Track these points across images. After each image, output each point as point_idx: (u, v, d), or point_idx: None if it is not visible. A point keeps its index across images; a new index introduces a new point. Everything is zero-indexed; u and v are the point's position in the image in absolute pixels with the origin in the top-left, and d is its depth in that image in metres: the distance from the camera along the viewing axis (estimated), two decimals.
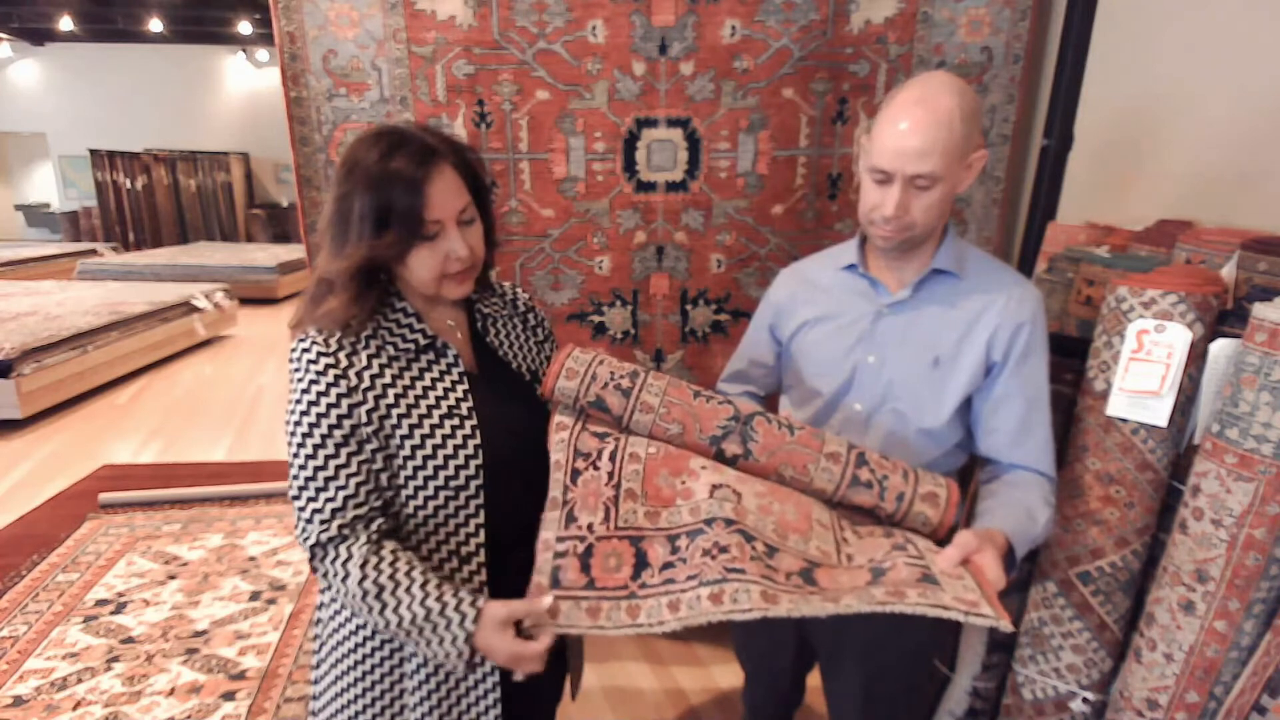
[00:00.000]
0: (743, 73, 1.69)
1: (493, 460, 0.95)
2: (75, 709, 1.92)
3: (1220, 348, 1.06)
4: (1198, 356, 1.09)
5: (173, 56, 10.30)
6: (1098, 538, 1.20)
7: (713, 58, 1.68)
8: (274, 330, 6.44)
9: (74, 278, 7.20)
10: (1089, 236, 1.52)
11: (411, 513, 0.93)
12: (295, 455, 0.89)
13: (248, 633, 2.24)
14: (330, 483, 0.88)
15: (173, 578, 2.54)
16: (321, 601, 1.02)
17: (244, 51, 10.45)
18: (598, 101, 1.71)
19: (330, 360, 0.89)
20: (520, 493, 0.96)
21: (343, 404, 0.89)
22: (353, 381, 0.89)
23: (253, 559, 2.66)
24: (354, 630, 0.97)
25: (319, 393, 0.88)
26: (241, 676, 2.05)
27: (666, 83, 1.70)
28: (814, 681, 1.33)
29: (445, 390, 0.95)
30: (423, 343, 0.96)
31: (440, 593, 0.84)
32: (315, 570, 0.90)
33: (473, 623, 0.81)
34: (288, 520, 2.91)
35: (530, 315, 1.15)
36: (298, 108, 1.69)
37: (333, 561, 0.87)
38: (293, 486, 0.90)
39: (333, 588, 0.88)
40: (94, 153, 9.80)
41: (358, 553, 0.86)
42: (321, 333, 0.90)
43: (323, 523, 0.88)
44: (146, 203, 10.09)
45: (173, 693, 1.98)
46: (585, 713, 1.91)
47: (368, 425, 0.90)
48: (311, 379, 0.89)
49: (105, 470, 3.46)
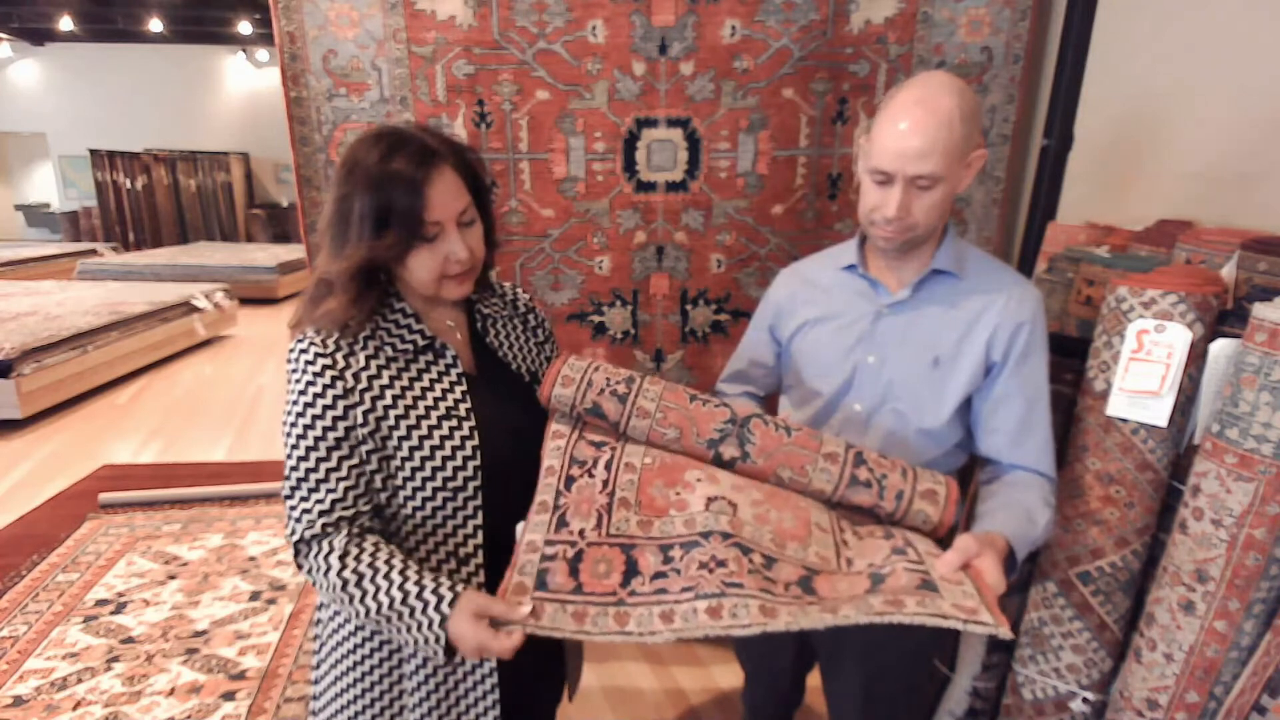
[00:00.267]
0: (743, 73, 1.69)
1: (491, 461, 0.95)
2: (75, 709, 1.92)
3: (1220, 348, 1.06)
4: (1198, 356, 1.09)
5: (173, 56, 10.30)
6: (1098, 538, 1.20)
7: (713, 58, 1.68)
8: (274, 330, 6.44)
9: (74, 278, 7.20)
10: (1089, 236, 1.52)
11: (410, 513, 0.93)
12: (289, 456, 0.89)
13: (248, 633, 2.24)
14: (321, 484, 0.88)
15: (173, 578, 2.54)
16: (321, 602, 1.02)
17: (244, 51, 10.45)
18: (598, 101, 1.71)
19: (328, 361, 0.89)
20: (519, 493, 0.96)
21: (339, 406, 0.89)
22: (350, 383, 0.89)
23: (253, 559, 2.66)
24: (354, 631, 0.97)
25: (315, 395, 0.88)
26: (241, 676, 2.05)
27: (666, 83, 1.70)
28: (814, 681, 1.33)
29: (444, 391, 0.95)
30: (421, 343, 0.96)
31: (419, 578, 0.84)
32: (300, 566, 0.90)
33: (449, 606, 0.80)
34: None
35: (530, 316, 1.15)
36: (298, 108, 1.68)
37: (315, 556, 0.87)
38: (285, 486, 0.91)
39: (316, 583, 0.88)
40: (94, 153, 9.81)
41: (339, 545, 0.87)
42: (320, 333, 0.90)
43: (309, 521, 0.88)
44: (146, 203, 10.09)
45: (173, 693, 1.98)
46: (585, 713, 1.91)
47: (364, 426, 0.90)
48: (308, 380, 0.89)
49: (105, 470, 3.46)
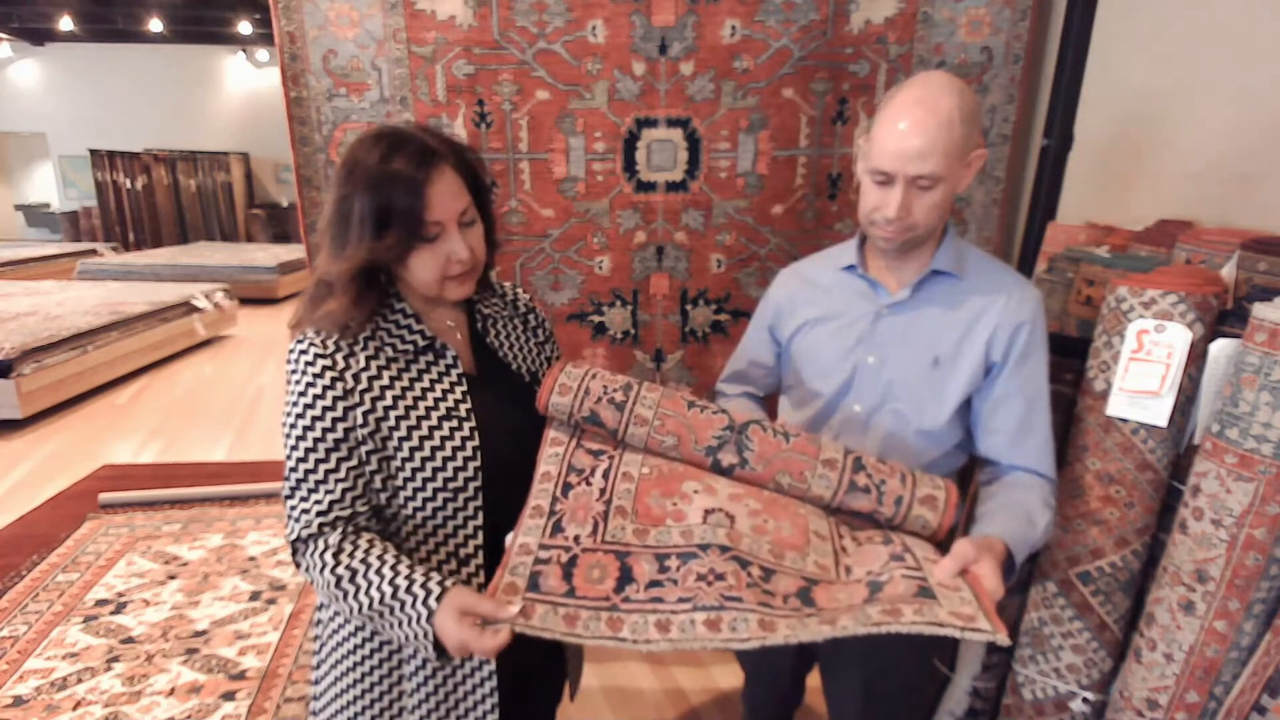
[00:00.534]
0: (743, 73, 1.69)
1: (491, 462, 0.95)
2: (75, 709, 1.92)
3: (1220, 348, 1.06)
4: (1198, 356, 1.09)
5: (173, 56, 10.29)
6: (1098, 538, 1.20)
7: (713, 58, 1.68)
8: (274, 330, 6.44)
9: (74, 278, 7.20)
10: (1089, 236, 1.52)
11: (410, 514, 0.93)
12: (288, 456, 0.90)
13: (248, 633, 2.24)
14: (320, 485, 0.88)
15: (173, 578, 2.54)
16: (321, 602, 1.02)
17: (244, 51, 10.45)
18: (598, 101, 1.71)
19: (327, 362, 0.89)
20: (519, 494, 0.96)
21: (338, 407, 0.89)
22: (349, 384, 0.89)
23: (253, 559, 2.66)
24: (354, 631, 0.97)
25: (315, 396, 0.88)
26: (241, 676, 2.05)
27: (666, 83, 1.70)
28: (814, 682, 1.33)
29: (444, 392, 0.95)
30: (421, 344, 0.96)
31: (409, 573, 0.83)
32: (298, 565, 0.90)
33: (435, 601, 0.80)
34: None
35: (531, 316, 1.15)
36: (298, 108, 1.68)
37: (311, 554, 0.88)
38: (285, 486, 0.91)
39: (313, 581, 0.89)
40: (94, 153, 9.80)
41: (333, 543, 0.87)
42: (319, 334, 0.90)
43: (306, 521, 0.88)
44: (146, 203, 10.08)
45: (173, 693, 1.98)
46: (585, 713, 1.91)
47: (364, 427, 0.90)
48: (308, 382, 0.89)
49: (105, 470, 3.46)
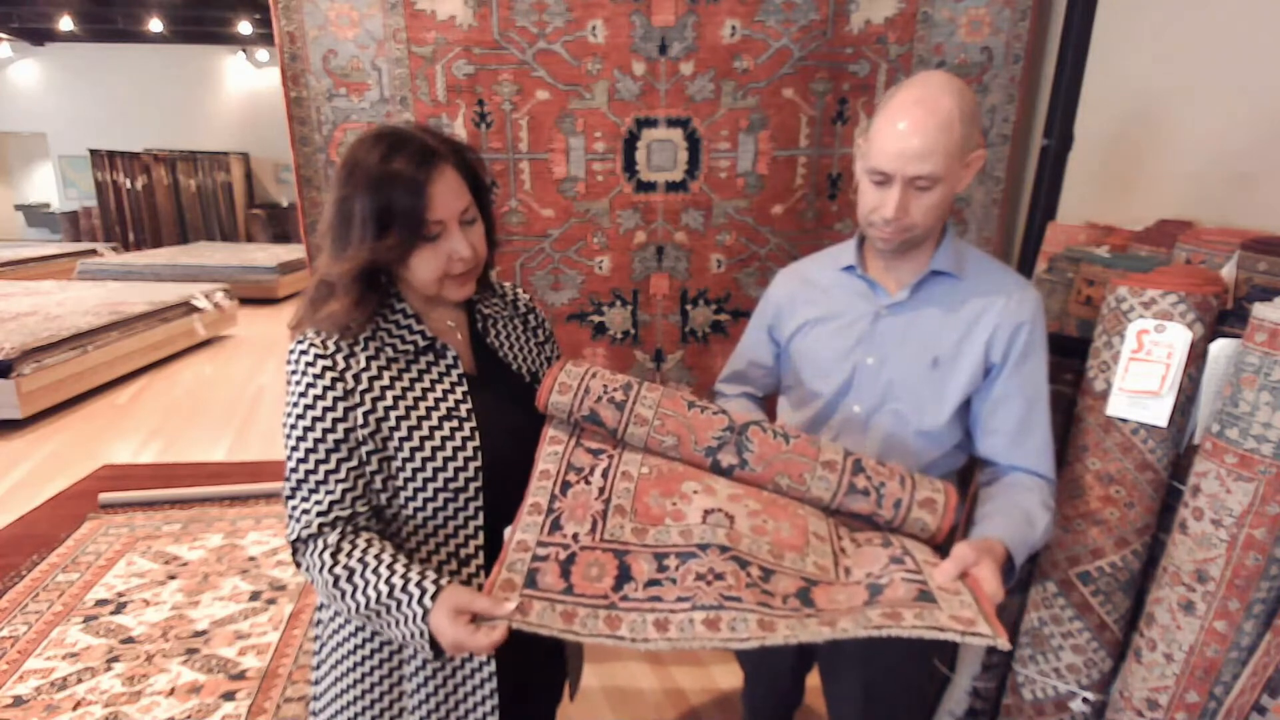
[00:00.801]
0: (743, 73, 1.69)
1: (492, 461, 0.95)
2: (75, 709, 1.92)
3: (1220, 348, 1.06)
4: (1198, 356, 1.09)
5: (173, 56, 10.29)
6: (1098, 538, 1.20)
7: (713, 58, 1.68)
8: (274, 330, 6.44)
9: (74, 278, 7.20)
10: (1089, 236, 1.52)
11: (410, 514, 0.93)
12: (289, 457, 0.90)
13: (248, 633, 2.24)
14: (320, 485, 0.88)
15: (173, 578, 2.54)
16: (322, 602, 1.02)
17: (244, 51, 10.45)
18: (598, 101, 1.71)
19: (328, 363, 0.89)
20: (519, 494, 0.96)
21: (339, 407, 0.89)
22: (349, 384, 0.90)
23: (253, 559, 2.66)
24: (354, 631, 0.97)
25: (315, 396, 0.88)
26: (241, 676, 2.05)
27: (666, 83, 1.70)
28: (813, 682, 1.33)
29: (444, 392, 0.95)
30: (422, 344, 0.96)
31: (405, 571, 0.83)
32: (298, 565, 0.90)
33: (430, 599, 0.80)
34: None
35: (531, 316, 1.15)
36: (298, 108, 1.68)
37: (310, 554, 0.88)
38: (286, 486, 0.91)
39: (313, 580, 0.89)
40: (94, 153, 9.80)
41: (332, 542, 0.87)
42: (319, 334, 0.90)
43: (306, 522, 0.88)
44: (146, 203, 10.08)
45: (173, 693, 1.98)
46: (585, 713, 1.91)
47: (364, 427, 0.90)
48: (308, 382, 0.89)
49: (105, 470, 3.46)
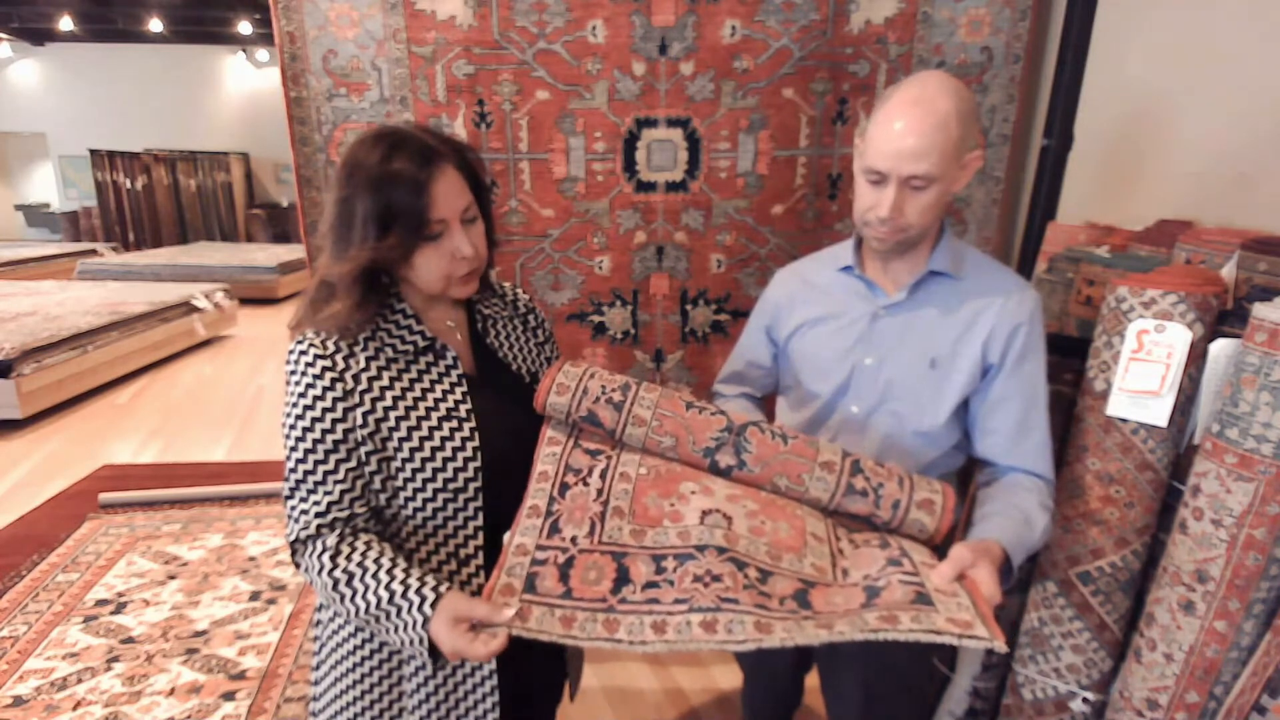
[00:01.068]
0: (743, 73, 1.69)
1: (491, 462, 0.95)
2: (75, 709, 1.92)
3: (1220, 348, 1.06)
4: (1198, 356, 1.09)
5: (173, 56, 10.28)
6: (1098, 538, 1.20)
7: (713, 58, 1.68)
8: (274, 330, 6.44)
9: (74, 278, 7.20)
10: (1089, 236, 1.52)
11: (410, 515, 0.93)
12: (288, 458, 0.90)
13: (248, 633, 2.24)
14: (319, 486, 0.88)
15: (173, 578, 2.54)
16: (321, 603, 1.02)
17: (244, 51, 10.44)
18: (598, 101, 1.71)
19: (327, 363, 0.89)
20: (519, 494, 0.96)
21: (338, 408, 0.89)
22: (349, 385, 0.90)
23: (253, 559, 2.66)
24: (353, 632, 0.97)
25: (315, 397, 0.88)
26: (241, 676, 2.05)
27: (666, 83, 1.70)
28: (813, 682, 1.33)
29: (444, 392, 0.95)
30: (421, 344, 0.96)
31: (405, 577, 0.83)
32: (297, 566, 0.90)
33: (430, 607, 0.80)
34: None
35: (530, 316, 1.15)
36: (298, 108, 1.68)
37: (309, 555, 0.88)
38: (285, 487, 0.91)
39: (312, 582, 0.89)
40: (94, 153, 9.80)
41: (331, 544, 0.87)
42: (319, 335, 0.90)
43: (305, 522, 0.88)
44: (146, 203, 10.08)
45: (173, 693, 1.98)
46: (585, 713, 1.91)
47: (364, 428, 0.90)
48: (308, 383, 0.89)
49: (105, 470, 3.46)
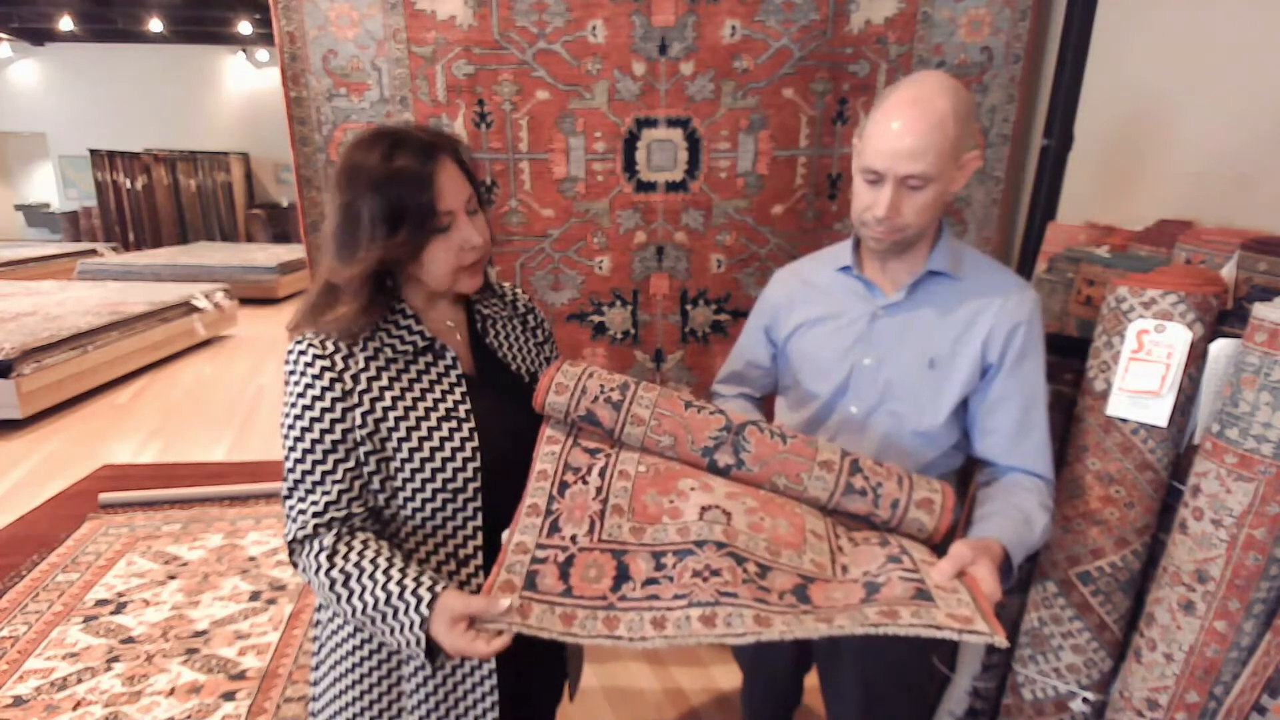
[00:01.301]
0: (743, 73, 1.69)
1: (491, 462, 0.95)
2: (75, 709, 1.92)
3: (1220, 348, 1.06)
4: (1198, 356, 1.09)
5: (173, 56, 10.28)
6: (1098, 538, 1.20)
7: (713, 58, 1.68)
8: (274, 330, 6.44)
9: (74, 278, 7.20)
10: (1089, 236, 1.52)
11: (409, 515, 0.93)
12: (286, 458, 0.90)
13: (248, 633, 2.24)
14: (316, 487, 0.89)
15: (173, 578, 2.54)
16: (320, 603, 1.02)
17: (244, 51, 10.44)
18: (598, 101, 1.71)
19: (326, 363, 0.89)
20: (518, 494, 0.96)
21: (337, 408, 0.89)
22: (348, 385, 0.90)
23: (253, 559, 2.66)
24: (353, 632, 0.97)
25: (314, 397, 0.88)
26: (241, 676, 2.05)
27: (666, 83, 1.70)
28: (812, 681, 1.33)
29: (443, 393, 0.95)
30: (421, 344, 0.96)
31: (401, 577, 0.83)
32: (295, 566, 0.90)
33: (427, 607, 0.80)
34: None
35: (530, 316, 1.15)
36: (298, 108, 1.68)
37: (307, 555, 0.88)
38: (283, 487, 0.91)
39: (310, 582, 0.89)
40: (94, 153, 9.80)
41: (328, 544, 0.87)
42: (319, 335, 0.90)
43: (303, 522, 0.89)
44: (146, 203, 10.08)
45: (173, 693, 1.98)
46: (585, 713, 1.91)
47: (363, 428, 0.90)
48: (306, 383, 0.89)
49: (105, 470, 3.46)
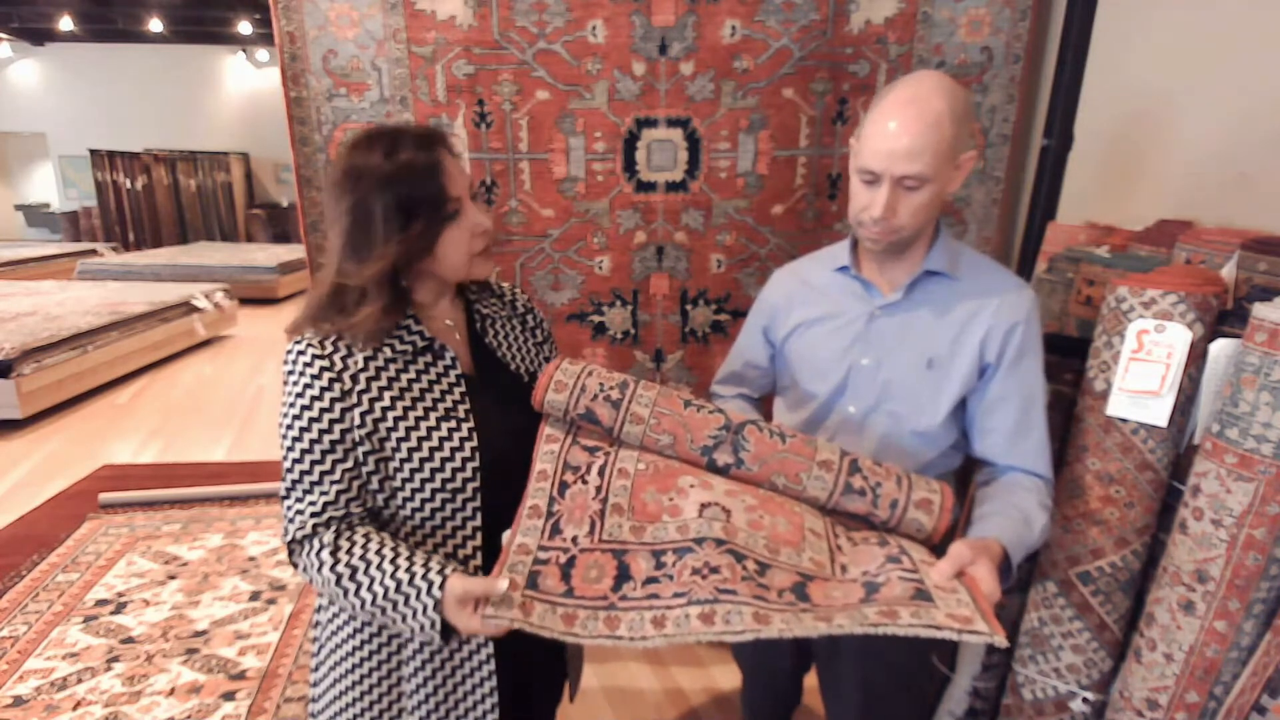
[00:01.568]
0: (743, 73, 1.69)
1: (490, 462, 0.95)
2: (75, 709, 1.92)
3: (1220, 348, 1.06)
4: (1198, 356, 1.09)
5: (173, 56, 10.29)
6: (1098, 538, 1.20)
7: (713, 58, 1.68)
8: (274, 330, 6.44)
9: (74, 278, 7.20)
10: (1089, 236, 1.52)
11: (409, 515, 0.93)
12: (285, 458, 0.90)
13: (248, 633, 2.24)
14: (315, 486, 0.89)
15: (173, 578, 2.54)
16: (320, 604, 1.02)
17: (244, 51, 10.44)
18: (598, 101, 1.71)
19: (325, 363, 0.89)
20: (518, 494, 0.96)
21: (335, 408, 0.89)
22: (347, 385, 0.90)
23: (253, 559, 2.66)
24: (352, 632, 0.97)
25: (312, 397, 0.88)
26: (241, 676, 2.05)
27: (666, 83, 1.70)
28: (812, 681, 1.33)
29: (442, 393, 0.95)
30: (420, 344, 0.96)
31: (409, 565, 0.84)
32: (295, 565, 0.91)
33: (440, 590, 0.81)
34: None
35: (529, 316, 1.15)
36: (298, 108, 1.68)
37: (308, 554, 0.88)
38: (282, 487, 0.91)
39: (313, 581, 0.89)
40: (94, 153, 9.80)
41: (329, 540, 0.88)
42: (318, 335, 0.91)
43: (301, 522, 0.89)
44: (146, 203, 10.08)
45: (173, 693, 1.98)
46: (585, 713, 1.91)
47: (361, 428, 0.90)
48: (305, 383, 0.89)
49: (105, 470, 3.46)
